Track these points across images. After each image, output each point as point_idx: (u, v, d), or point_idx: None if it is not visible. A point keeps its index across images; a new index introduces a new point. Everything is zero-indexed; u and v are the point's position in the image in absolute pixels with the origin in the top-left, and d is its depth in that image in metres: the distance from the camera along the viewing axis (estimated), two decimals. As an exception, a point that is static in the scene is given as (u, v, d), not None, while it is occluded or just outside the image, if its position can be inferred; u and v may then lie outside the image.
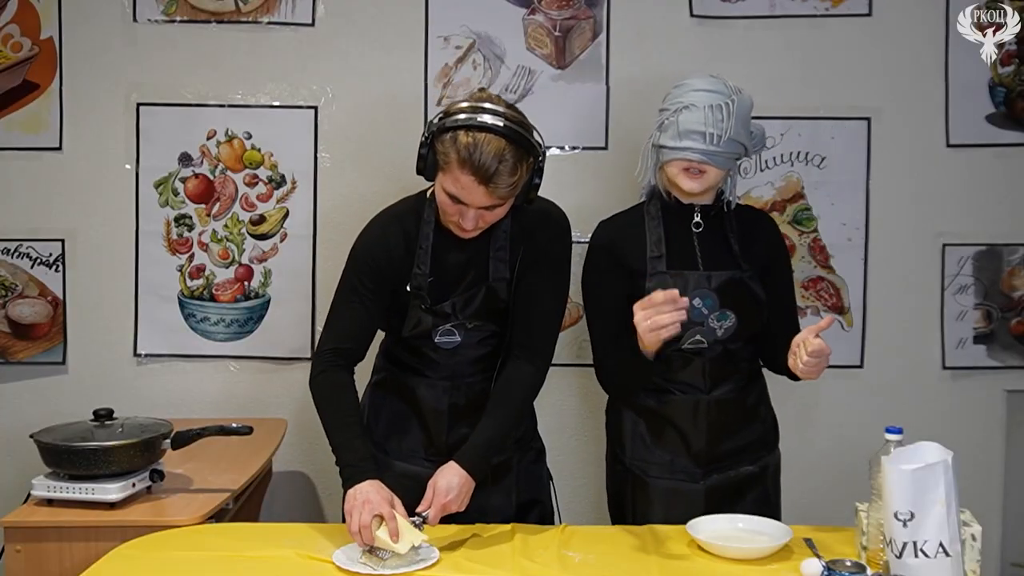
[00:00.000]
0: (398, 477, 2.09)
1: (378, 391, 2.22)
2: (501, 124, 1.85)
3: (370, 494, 1.88)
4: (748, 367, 2.21)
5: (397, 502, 1.91)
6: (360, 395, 2.14)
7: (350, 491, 1.92)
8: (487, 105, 1.88)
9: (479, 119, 1.85)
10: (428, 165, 1.94)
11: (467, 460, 1.98)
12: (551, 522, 2.22)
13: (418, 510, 1.93)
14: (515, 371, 2.08)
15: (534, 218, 2.09)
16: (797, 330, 2.13)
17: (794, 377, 2.07)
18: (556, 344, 2.16)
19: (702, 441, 2.14)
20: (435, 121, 1.92)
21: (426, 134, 1.93)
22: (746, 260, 2.15)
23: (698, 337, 2.11)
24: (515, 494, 2.19)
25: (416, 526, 1.88)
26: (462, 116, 1.87)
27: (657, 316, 1.84)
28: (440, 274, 2.05)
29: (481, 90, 2.01)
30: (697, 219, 2.15)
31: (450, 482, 1.95)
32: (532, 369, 2.09)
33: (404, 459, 2.15)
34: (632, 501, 2.22)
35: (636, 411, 2.20)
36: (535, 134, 1.93)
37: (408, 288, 2.04)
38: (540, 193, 2.10)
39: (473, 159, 1.83)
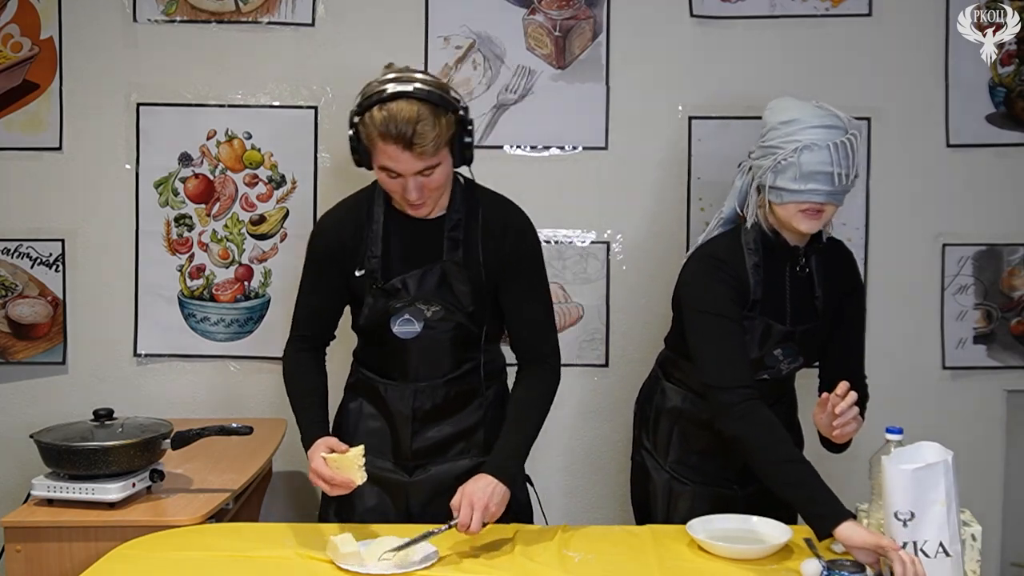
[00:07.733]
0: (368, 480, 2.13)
1: (350, 393, 2.25)
2: (409, 88, 1.88)
3: (312, 460, 1.97)
4: (792, 384, 2.24)
5: (332, 442, 1.98)
6: (339, 394, 2.24)
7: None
8: (392, 75, 1.92)
9: (387, 91, 1.89)
10: (361, 153, 1.97)
11: (497, 468, 1.98)
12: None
13: (455, 521, 1.89)
14: (536, 379, 2.12)
15: (495, 211, 2.09)
16: (859, 365, 2.19)
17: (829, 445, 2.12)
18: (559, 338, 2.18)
19: (741, 458, 2.08)
20: (352, 112, 1.96)
21: (350, 127, 1.96)
22: (826, 307, 2.12)
23: (765, 376, 2.12)
24: None
25: (437, 533, 1.89)
26: (370, 96, 1.91)
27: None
28: (392, 255, 2.07)
29: (388, 66, 2.02)
30: (802, 261, 2.10)
31: (486, 488, 1.93)
32: (551, 374, 2.14)
33: (372, 462, 2.14)
34: (667, 505, 2.21)
35: (677, 414, 2.21)
36: (450, 92, 1.95)
37: (362, 271, 2.07)
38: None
39: (391, 128, 1.87)
